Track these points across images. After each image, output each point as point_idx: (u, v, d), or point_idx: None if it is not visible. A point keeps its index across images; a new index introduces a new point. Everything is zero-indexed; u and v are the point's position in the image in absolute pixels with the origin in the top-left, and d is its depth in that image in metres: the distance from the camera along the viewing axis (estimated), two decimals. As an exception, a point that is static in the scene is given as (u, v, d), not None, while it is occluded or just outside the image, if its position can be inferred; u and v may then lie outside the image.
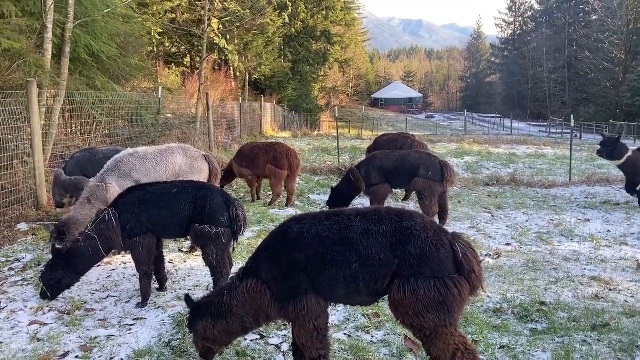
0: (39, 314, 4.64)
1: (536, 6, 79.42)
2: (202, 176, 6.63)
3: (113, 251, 5.00)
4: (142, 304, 4.77)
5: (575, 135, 31.54)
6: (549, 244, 7.12)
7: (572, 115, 15.89)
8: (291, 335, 4.20)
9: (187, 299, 3.53)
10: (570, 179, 12.65)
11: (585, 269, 6.06)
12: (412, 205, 9.34)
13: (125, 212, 4.60)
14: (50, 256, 4.57)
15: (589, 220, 8.58)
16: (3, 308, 4.75)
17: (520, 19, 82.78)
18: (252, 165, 9.39)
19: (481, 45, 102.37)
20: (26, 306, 4.80)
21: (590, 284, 5.51)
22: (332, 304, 3.31)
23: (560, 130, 40.15)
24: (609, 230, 7.91)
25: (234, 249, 5.08)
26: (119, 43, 12.46)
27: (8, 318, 4.55)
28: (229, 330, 3.37)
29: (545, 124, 49.98)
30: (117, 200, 4.76)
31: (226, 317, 3.32)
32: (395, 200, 10.11)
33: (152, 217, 4.64)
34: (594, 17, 59.39)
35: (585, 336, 4.21)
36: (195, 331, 3.45)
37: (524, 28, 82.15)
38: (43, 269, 4.52)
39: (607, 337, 4.18)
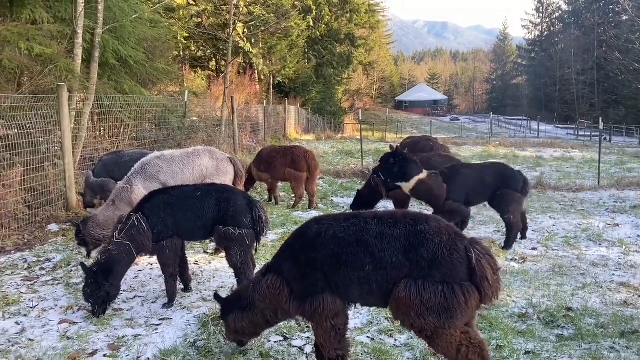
0: (69, 313, 4.76)
1: (564, 7, 78.03)
2: (227, 178, 6.71)
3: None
4: (168, 305, 4.85)
5: (605, 138, 30.87)
6: (576, 249, 7.00)
7: (601, 118, 15.57)
8: (312, 337, 4.23)
9: (217, 296, 3.75)
10: (598, 183, 12.39)
11: (613, 274, 5.95)
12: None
13: (152, 216, 4.66)
14: (80, 265, 4.62)
15: (618, 225, 8.40)
16: (34, 307, 4.88)
17: (547, 20, 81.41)
18: (270, 168, 9.44)
19: (507, 46, 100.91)
20: (56, 305, 4.93)
21: (618, 290, 5.41)
22: (350, 304, 3.34)
23: (589, 133, 39.37)
24: (639, 235, 7.73)
25: (256, 250, 5.14)
26: (146, 47, 12.70)
27: (39, 316, 4.68)
28: (254, 323, 3.53)
29: (574, 126, 49.08)
30: (142, 205, 4.81)
31: (251, 310, 3.47)
32: (419, 204, 10.04)
33: (178, 221, 4.71)
34: (624, 17, 58.06)
35: (613, 343, 4.13)
36: (227, 324, 3.65)
37: (552, 29, 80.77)
38: (86, 289, 4.51)
39: (636, 344, 4.10)
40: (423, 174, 6.56)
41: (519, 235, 7.24)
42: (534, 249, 6.99)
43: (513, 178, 7.01)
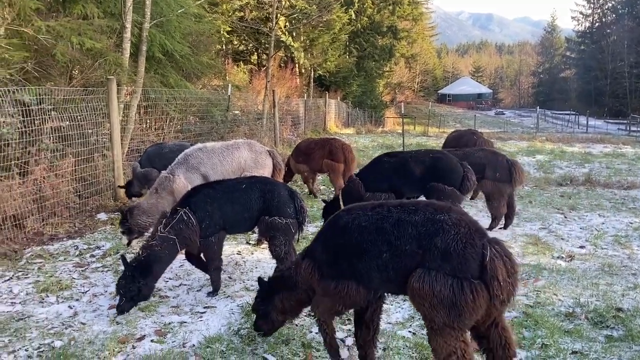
0: (118, 299, 4.91)
1: (617, -4, 74.82)
2: (266, 171, 6.77)
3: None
4: (213, 294, 4.96)
5: (659, 134, 29.48)
6: (627, 248, 6.74)
7: (655, 112, 14.90)
8: (354, 330, 4.25)
9: (260, 280, 3.86)
10: (652, 180, 11.89)
11: (667, 275, 5.70)
12: (481, 205, 9.12)
13: (199, 210, 4.70)
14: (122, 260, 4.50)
15: (672, 223, 8.04)
16: (85, 292, 5.08)
17: (599, 10, 78.25)
18: (308, 160, 9.67)
19: (555, 39, 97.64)
20: (106, 291, 5.11)
21: (673, 292, 5.18)
22: (376, 292, 3.35)
23: (642, 128, 37.70)
24: (695, 235, 7.38)
25: (298, 240, 5.20)
26: (190, 42, 12.92)
27: (90, 301, 4.87)
28: (300, 300, 3.67)
29: (625, 121, 47.07)
30: (188, 199, 4.80)
31: (296, 289, 3.61)
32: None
33: (225, 214, 4.79)
34: (682, 7, 55.21)
35: (667, 346, 3.97)
36: (274, 306, 3.73)
37: (603, 20, 77.59)
38: (121, 281, 4.42)
39: (691, 348, 3.92)
40: None
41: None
42: (581, 247, 6.78)
43: (448, 171, 6.55)
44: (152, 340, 4.10)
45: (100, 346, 3.98)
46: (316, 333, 4.18)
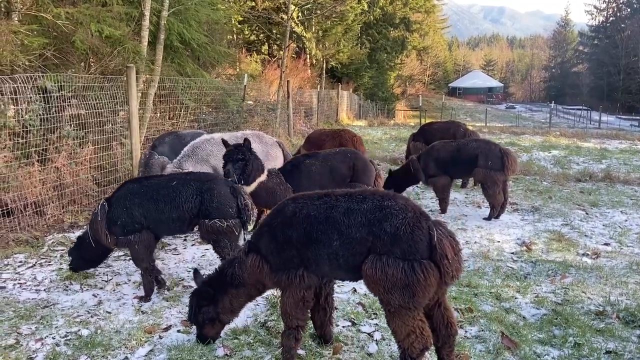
0: (142, 289, 4.89)
1: (633, -9, 73.74)
2: (277, 162, 6.63)
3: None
4: (144, 299, 4.61)
5: (674, 131, 29.08)
6: (652, 246, 6.62)
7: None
8: (381, 324, 4.19)
9: (196, 271, 3.84)
10: (671, 177, 11.69)
11: (696, 274, 5.59)
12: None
13: (117, 206, 4.45)
14: None
15: (696, 222, 7.90)
16: (109, 280, 5.06)
17: (614, 4, 77.22)
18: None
19: (568, 33, 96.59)
20: (129, 279, 5.09)
21: (703, 292, 5.08)
22: (323, 278, 3.46)
23: (656, 125, 37.21)
24: None
25: (245, 240, 4.95)
26: (206, 30, 12.83)
27: (114, 290, 4.85)
28: (249, 295, 3.68)
29: (638, 117, 46.58)
30: (113, 193, 4.65)
31: (244, 285, 3.59)
32: (455, 189, 9.78)
33: (148, 212, 4.44)
34: (700, 2, 54.33)
35: (703, 347, 3.89)
36: (223, 307, 3.67)
37: (618, 14, 76.51)
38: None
39: None
40: (263, 176, 5.66)
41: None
42: (606, 244, 6.66)
43: (365, 170, 6.37)
44: (178, 331, 4.07)
45: (127, 335, 3.96)
46: (343, 327, 4.14)
